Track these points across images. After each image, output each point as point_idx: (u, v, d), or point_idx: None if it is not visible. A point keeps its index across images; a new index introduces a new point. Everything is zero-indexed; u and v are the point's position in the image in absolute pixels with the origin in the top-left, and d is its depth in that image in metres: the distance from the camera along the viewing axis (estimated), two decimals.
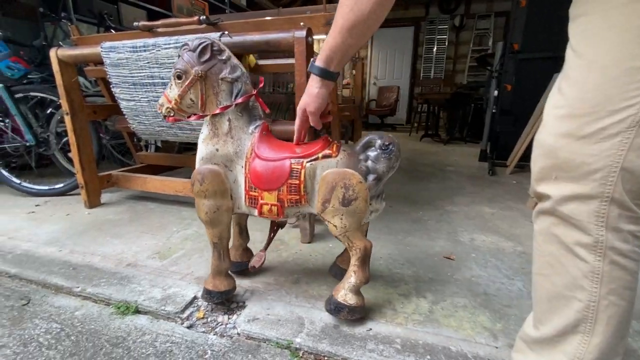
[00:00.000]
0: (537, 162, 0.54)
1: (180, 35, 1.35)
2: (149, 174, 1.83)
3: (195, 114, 0.86)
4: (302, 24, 1.29)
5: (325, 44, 0.74)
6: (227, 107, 0.83)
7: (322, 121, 0.85)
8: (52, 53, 1.54)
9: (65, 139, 2.00)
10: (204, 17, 1.42)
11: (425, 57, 6.52)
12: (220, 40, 1.26)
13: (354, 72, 2.30)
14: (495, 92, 2.84)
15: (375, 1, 0.62)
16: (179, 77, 0.81)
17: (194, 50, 0.80)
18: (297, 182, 0.81)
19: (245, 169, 0.85)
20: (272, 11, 1.95)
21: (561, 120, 0.49)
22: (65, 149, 2.03)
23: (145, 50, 1.37)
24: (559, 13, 2.67)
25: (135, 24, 1.47)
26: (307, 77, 1.20)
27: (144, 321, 0.91)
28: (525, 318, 0.90)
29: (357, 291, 0.86)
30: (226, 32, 1.28)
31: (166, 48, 1.33)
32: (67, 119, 1.63)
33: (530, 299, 0.98)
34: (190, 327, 0.89)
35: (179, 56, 0.83)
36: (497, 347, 0.80)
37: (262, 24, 1.39)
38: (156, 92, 1.46)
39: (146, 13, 3.58)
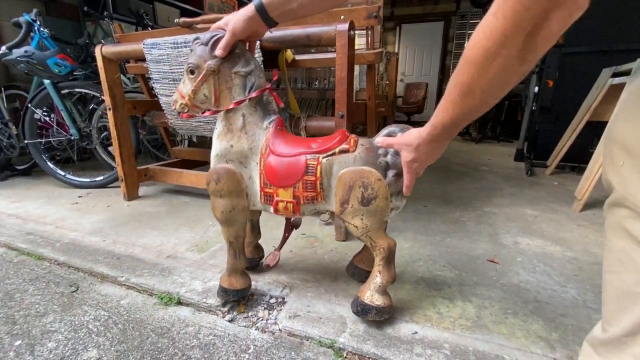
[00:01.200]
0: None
1: None
2: (183, 168, 1.87)
3: (209, 110, 0.83)
4: (342, 17, 1.27)
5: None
6: (240, 101, 0.80)
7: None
8: (97, 50, 1.60)
9: (105, 134, 2.09)
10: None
11: (456, 53, 6.31)
12: None
13: (387, 67, 2.24)
14: (536, 89, 2.69)
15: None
16: (192, 72, 0.79)
17: (206, 44, 0.77)
18: (313, 178, 0.78)
19: (260, 165, 0.82)
20: None
21: None
22: (105, 143, 2.12)
23: (185, 46, 1.39)
24: (608, 3, 2.49)
25: (176, 20, 1.49)
26: (351, 71, 1.18)
27: (187, 313, 0.93)
28: (582, 327, 0.84)
29: (383, 291, 0.84)
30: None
31: None
32: (110, 114, 1.69)
33: (587, 309, 0.92)
34: (231, 320, 0.90)
35: (191, 50, 0.80)
36: (554, 359, 0.75)
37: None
38: None
39: (179, 12, 3.68)
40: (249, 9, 0.74)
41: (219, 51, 0.76)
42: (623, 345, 0.49)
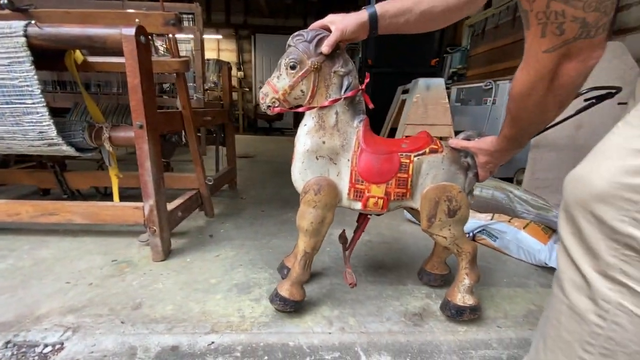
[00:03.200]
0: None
1: None
2: None
3: (300, 106, 0.84)
4: (137, 20, 1.18)
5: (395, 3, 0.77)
6: (336, 100, 0.82)
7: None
8: None
9: None
10: (6, 1, 1.15)
11: None
12: (26, 30, 1.04)
13: (219, 76, 2.23)
14: None
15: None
16: (293, 67, 0.79)
17: (309, 41, 0.79)
18: (406, 175, 0.85)
19: (351, 162, 0.85)
20: (115, 2, 1.72)
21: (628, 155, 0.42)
22: None
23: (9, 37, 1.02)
24: (404, 37, 3.22)
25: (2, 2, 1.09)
26: (148, 79, 1.10)
27: None
28: (358, 300, 1.02)
29: (472, 291, 0.91)
30: (33, 22, 1.05)
31: None
32: None
33: (366, 282, 1.12)
34: None
35: (289, 46, 0.81)
36: (330, 333, 0.88)
37: (88, 16, 1.21)
38: None
39: None
40: (361, 15, 0.77)
41: (325, 48, 0.78)
42: None
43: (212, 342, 0.83)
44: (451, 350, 0.83)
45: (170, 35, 1.30)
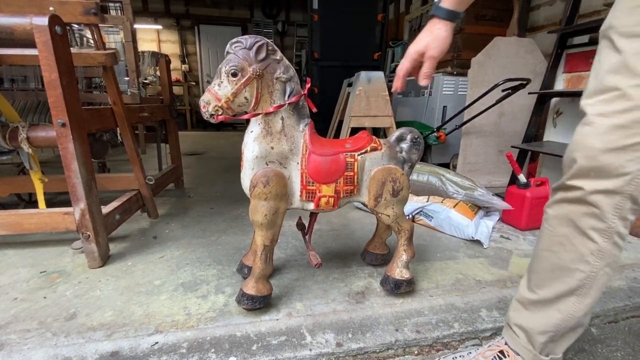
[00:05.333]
0: (576, 160, 0.58)
1: None
2: None
3: (245, 113, 0.84)
4: (51, 9, 1.08)
5: None
6: (280, 106, 0.84)
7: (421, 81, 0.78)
8: None
9: None
10: None
11: None
12: None
13: (157, 70, 2.12)
14: None
15: None
16: (234, 75, 0.79)
17: (249, 48, 0.79)
18: (352, 173, 0.90)
19: (301, 165, 0.88)
20: None
21: (613, 129, 0.54)
22: None
23: None
24: (348, 31, 3.29)
25: None
26: (69, 73, 1.01)
27: None
28: (305, 285, 1.07)
29: (408, 266, 1.00)
30: None
31: None
32: None
33: (312, 268, 1.17)
34: None
35: (228, 52, 0.80)
36: (277, 319, 0.91)
37: None
38: None
39: None
40: (449, 27, 0.72)
41: (424, 82, 0.76)
42: (551, 304, 0.64)
43: (156, 343, 0.82)
44: (388, 321, 0.91)
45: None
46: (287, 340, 0.84)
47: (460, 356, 0.77)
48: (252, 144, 0.86)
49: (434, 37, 0.73)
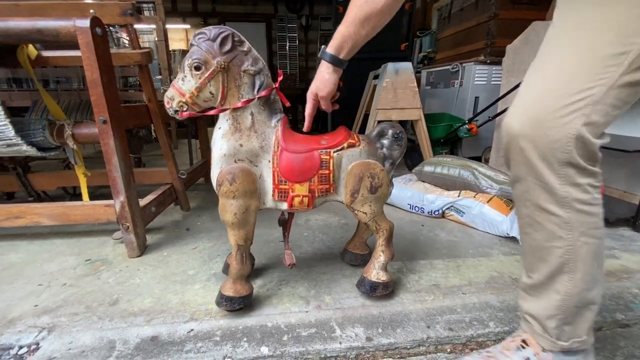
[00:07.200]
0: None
1: None
2: None
3: (212, 108, 0.80)
4: (92, 11, 1.14)
5: (337, 32, 0.79)
6: (249, 100, 0.80)
7: (332, 108, 0.89)
8: None
9: None
10: None
11: (280, 54, 6.79)
12: None
13: None
14: None
15: None
16: (197, 68, 0.75)
17: (213, 40, 0.75)
18: (327, 171, 0.85)
19: (272, 163, 0.83)
20: None
21: (542, 94, 0.55)
22: None
23: None
24: None
25: None
26: (108, 72, 1.07)
27: None
28: (334, 279, 1.07)
29: (385, 268, 0.94)
30: None
31: None
32: None
33: (340, 262, 1.17)
34: None
35: (192, 45, 0.76)
36: (307, 311, 0.92)
37: (38, 7, 1.16)
38: None
39: None
40: (332, 70, 0.81)
41: (327, 109, 0.88)
42: (547, 286, 0.63)
43: (192, 330, 0.85)
44: (419, 317, 0.89)
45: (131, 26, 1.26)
46: (317, 333, 0.84)
47: (486, 350, 0.75)
48: (220, 141, 0.81)
49: (320, 80, 0.83)
